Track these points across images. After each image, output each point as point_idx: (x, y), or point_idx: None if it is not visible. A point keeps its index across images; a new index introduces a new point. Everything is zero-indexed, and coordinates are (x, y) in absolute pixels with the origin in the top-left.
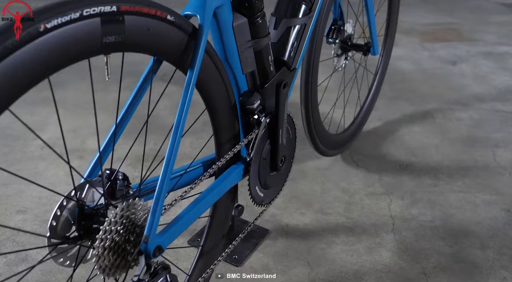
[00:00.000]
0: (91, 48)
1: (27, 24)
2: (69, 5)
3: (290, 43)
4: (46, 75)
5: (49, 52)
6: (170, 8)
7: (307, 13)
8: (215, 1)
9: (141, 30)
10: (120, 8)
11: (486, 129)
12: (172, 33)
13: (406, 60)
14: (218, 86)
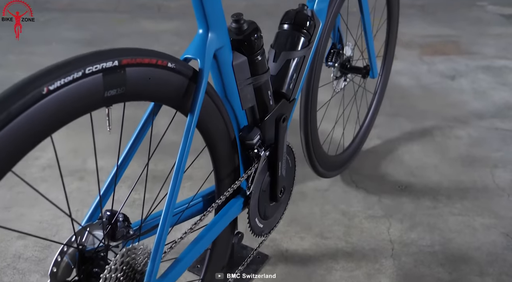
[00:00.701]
0: (93, 103)
1: (31, 87)
2: (72, 65)
3: (289, 76)
4: (48, 134)
5: (52, 112)
6: (170, 55)
7: (306, 45)
8: (215, 44)
9: (142, 80)
10: (121, 62)
11: (485, 148)
12: (173, 79)
13: (406, 75)
14: (218, 124)
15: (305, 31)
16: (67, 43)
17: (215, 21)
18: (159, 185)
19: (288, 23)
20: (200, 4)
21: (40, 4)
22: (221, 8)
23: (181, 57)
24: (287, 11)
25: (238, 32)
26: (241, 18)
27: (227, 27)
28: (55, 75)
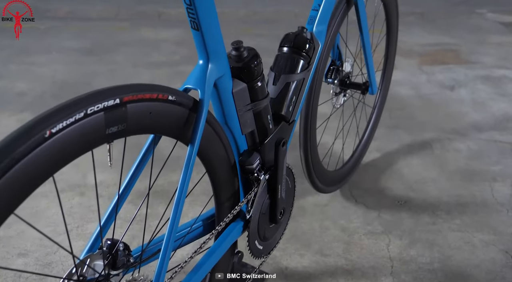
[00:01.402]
0: (94, 141)
1: (34, 131)
2: (74, 106)
3: (289, 99)
4: (51, 174)
5: (54, 154)
6: (170, 88)
7: (305, 68)
8: (215, 73)
9: (143, 115)
10: (123, 99)
11: (484, 162)
12: (174, 110)
13: (405, 85)
14: (218, 151)
15: (305, 54)
16: (67, 52)
17: (215, 51)
18: (159, 201)
19: (287, 46)
20: (201, 36)
21: (41, 12)
22: (221, 38)
23: (182, 87)
24: (286, 34)
25: (238, 60)
26: (241, 45)
27: (227, 56)
28: (57, 117)
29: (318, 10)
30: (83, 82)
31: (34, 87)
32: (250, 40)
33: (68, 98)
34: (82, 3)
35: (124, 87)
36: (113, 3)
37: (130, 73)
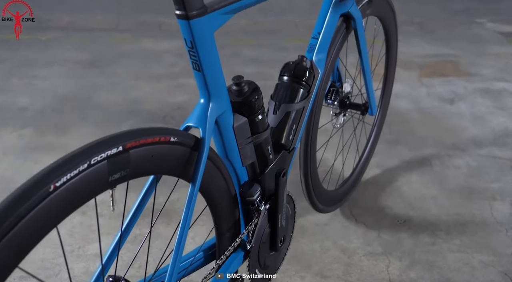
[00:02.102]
0: (97, 189)
1: (38, 186)
2: (78, 158)
3: (289, 128)
4: (55, 225)
5: (58, 206)
6: (172, 129)
7: (305, 97)
8: (216, 111)
9: (145, 159)
10: (126, 146)
11: (483, 179)
12: (175, 151)
13: (405, 98)
14: (219, 184)
15: (304, 83)
16: (69, 64)
17: (216, 90)
18: (161, 220)
19: (287, 76)
20: (202, 77)
21: (42, 22)
22: (222, 78)
23: (183, 125)
24: (286, 63)
25: (238, 94)
26: (242, 81)
27: (228, 93)
28: (61, 171)
29: (318, 39)
30: (84, 96)
31: (36, 102)
32: (250, 51)
33: (68, 113)
34: (83, 12)
35: (127, 134)
36: (113, 13)
37: (130, 87)
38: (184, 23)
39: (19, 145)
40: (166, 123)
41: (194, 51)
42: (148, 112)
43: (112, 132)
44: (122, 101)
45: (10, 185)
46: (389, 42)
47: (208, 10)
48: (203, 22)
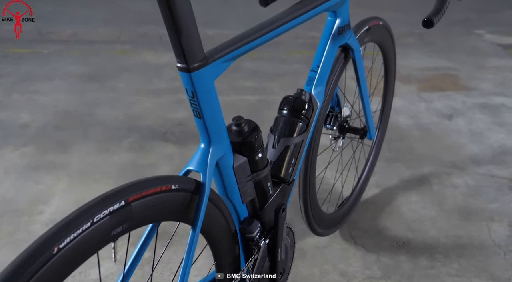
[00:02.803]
0: (100, 244)
1: (42, 249)
2: (81, 218)
3: (288, 161)
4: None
5: (63, 265)
6: (173, 176)
7: (304, 130)
8: (216, 155)
9: (147, 209)
10: (128, 200)
11: (482, 199)
12: (176, 197)
13: (404, 114)
14: (220, 224)
15: (303, 117)
16: (70, 79)
17: (216, 135)
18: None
19: (286, 110)
20: (203, 123)
21: (44, 35)
22: (223, 123)
23: (184, 169)
24: (285, 97)
25: (238, 134)
26: (242, 121)
27: (228, 136)
28: (65, 232)
29: (317, 71)
30: (85, 112)
31: (37, 118)
32: (251, 64)
33: (69, 130)
34: (84, 24)
35: (129, 188)
36: (115, 25)
37: (131, 102)
38: (186, 75)
39: (21, 164)
40: (167, 140)
41: (195, 100)
42: (148, 128)
43: (113, 150)
44: (123, 117)
45: (12, 206)
46: (388, 67)
47: (209, 61)
48: (204, 73)
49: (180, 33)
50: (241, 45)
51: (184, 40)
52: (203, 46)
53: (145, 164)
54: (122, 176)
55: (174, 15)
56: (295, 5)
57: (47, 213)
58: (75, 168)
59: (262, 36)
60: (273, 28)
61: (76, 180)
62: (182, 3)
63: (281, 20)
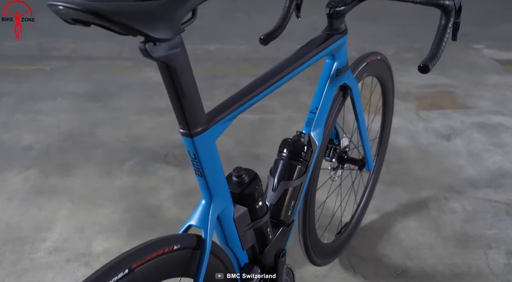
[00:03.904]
0: None
1: None
2: None
3: (288, 204)
4: None
5: None
6: (174, 236)
7: (303, 172)
8: (217, 209)
9: (150, 272)
10: (131, 267)
11: (479, 225)
12: (178, 255)
13: (403, 134)
14: (220, 271)
15: (302, 160)
16: (72, 98)
17: (218, 191)
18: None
19: (286, 153)
20: (205, 182)
21: (46, 51)
22: (224, 179)
23: (185, 224)
24: (285, 140)
25: (239, 185)
26: (242, 173)
27: (229, 191)
28: None
29: (315, 113)
30: (87, 133)
31: (40, 139)
32: (250, 81)
33: (72, 152)
34: (86, 39)
35: (132, 255)
36: (116, 40)
37: (132, 122)
38: (188, 140)
39: (24, 188)
40: (168, 163)
41: (197, 161)
42: (150, 150)
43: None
44: (124, 138)
45: (15, 234)
46: (386, 98)
47: (211, 124)
48: (206, 136)
49: (182, 103)
50: (242, 104)
51: (186, 109)
52: (204, 60)
53: (146, 188)
54: (124, 201)
55: (177, 87)
56: (294, 55)
57: (50, 240)
58: (77, 192)
59: (262, 91)
60: (273, 82)
61: (78, 206)
62: (185, 75)
63: (280, 74)
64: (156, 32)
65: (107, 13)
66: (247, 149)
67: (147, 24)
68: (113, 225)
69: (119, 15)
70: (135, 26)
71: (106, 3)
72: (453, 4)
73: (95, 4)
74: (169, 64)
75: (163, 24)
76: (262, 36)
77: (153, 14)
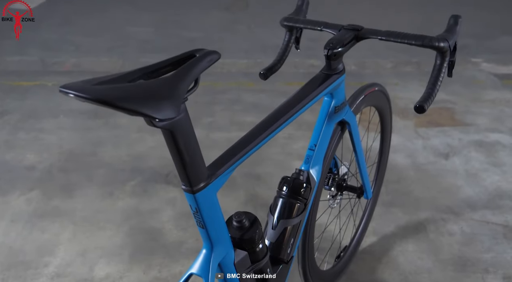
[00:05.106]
0: None
1: None
2: None
3: (287, 242)
4: None
5: None
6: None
7: (302, 210)
8: (218, 257)
9: None
10: None
11: (477, 248)
12: None
13: (401, 152)
14: None
15: (301, 198)
16: (74, 115)
17: (219, 240)
18: None
19: (285, 191)
20: (206, 232)
21: (48, 66)
22: (225, 228)
23: (187, 272)
24: (284, 178)
25: (239, 230)
26: (243, 218)
27: (229, 239)
28: None
29: (314, 150)
30: (89, 152)
31: (43, 159)
32: (251, 96)
33: (74, 173)
34: (88, 53)
35: None
36: (117, 53)
37: (134, 140)
38: (190, 196)
39: (27, 211)
40: (169, 183)
41: (199, 214)
42: (151, 170)
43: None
44: (126, 157)
45: (18, 258)
46: (384, 127)
47: (212, 179)
48: (208, 191)
49: (185, 163)
50: (242, 155)
51: (188, 168)
52: (204, 74)
53: (148, 210)
54: (126, 223)
55: (179, 149)
56: (293, 98)
57: (52, 265)
58: (79, 214)
59: (263, 140)
60: (274, 129)
61: (80, 228)
62: (187, 139)
63: (280, 119)
64: (161, 113)
65: (113, 101)
66: (247, 169)
67: (153, 108)
68: (115, 248)
69: (125, 102)
70: (141, 110)
71: (112, 89)
72: (448, 45)
73: (102, 92)
74: (172, 130)
75: (168, 104)
76: (262, 71)
77: (158, 96)
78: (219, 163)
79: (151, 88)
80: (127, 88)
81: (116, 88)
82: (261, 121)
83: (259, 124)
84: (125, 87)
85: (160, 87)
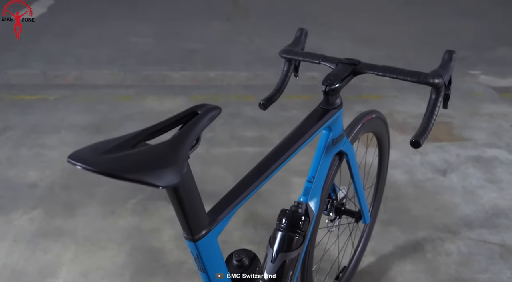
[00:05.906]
0: None
1: None
2: None
3: (286, 274)
4: None
5: None
6: None
7: (301, 242)
8: None
9: None
10: None
11: (474, 269)
12: None
13: (400, 169)
14: None
15: (300, 231)
16: (76, 130)
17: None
18: None
19: (284, 224)
20: (207, 276)
21: (49, 79)
22: (225, 269)
23: None
24: (283, 210)
25: (239, 268)
26: (242, 256)
27: (230, 281)
28: None
29: (312, 182)
30: None
31: (45, 176)
32: (251, 110)
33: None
34: (89, 66)
35: None
36: (118, 65)
37: None
38: (191, 244)
39: (30, 230)
40: (169, 201)
41: (200, 260)
42: (151, 187)
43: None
44: None
45: (21, 280)
46: (382, 151)
47: (213, 225)
48: (209, 238)
49: (186, 213)
50: (243, 198)
51: (190, 219)
52: (205, 88)
53: (149, 229)
54: (127, 242)
55: (181, 202)
56: (292, 135)
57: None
58: (81, 234)
59: (263, 180)
60: (274, 168)
61: (82, 248)
62: (190, 192)
63: (281, 158)
64: (164, 180)
65: (118, 173)
66: None
67: (156, 177)
68: (116, 269)
69: (129, 174)
70: (145, 180)
71: (116, 160)
72: (443, 81)
73: (107, 165)
74: (176, 188)
75: (171, 171)
76: (261, 101)
77: (162, 163)
78: (220, 208)
79: (154, 156)
80: (131, 158)
81: (120, 159)
82: (260, 161)
83: (259, 165)
84: (129, 156)
85: (163, 154)
